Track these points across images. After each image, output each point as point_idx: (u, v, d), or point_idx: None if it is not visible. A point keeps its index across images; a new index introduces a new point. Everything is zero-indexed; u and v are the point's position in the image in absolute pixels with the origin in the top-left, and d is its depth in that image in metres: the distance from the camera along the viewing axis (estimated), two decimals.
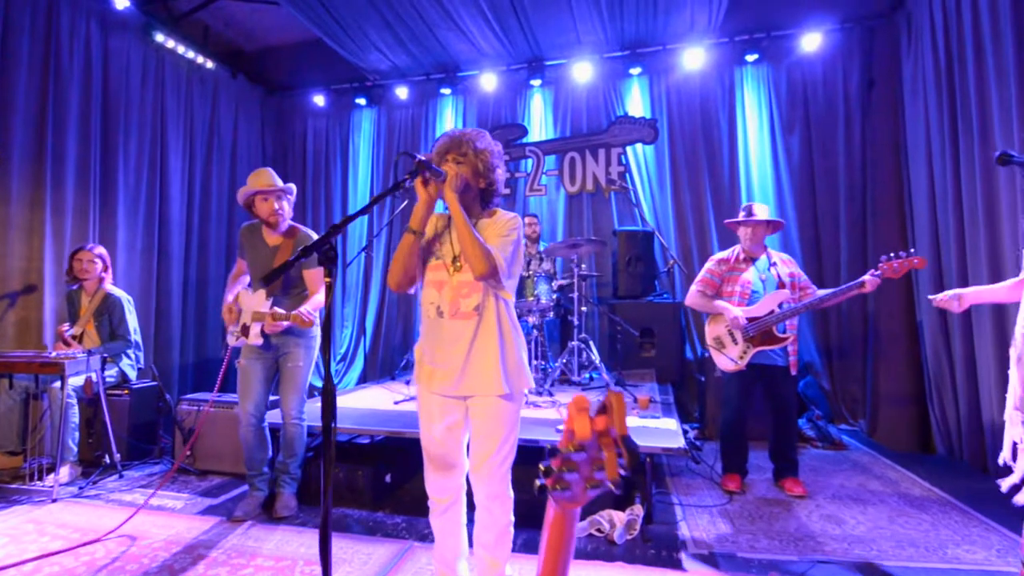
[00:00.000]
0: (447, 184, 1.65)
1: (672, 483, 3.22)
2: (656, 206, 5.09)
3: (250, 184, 2.71)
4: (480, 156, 1.74)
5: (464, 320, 1.69)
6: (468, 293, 1.70)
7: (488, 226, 1.74)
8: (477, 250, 1.60)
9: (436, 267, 1.76)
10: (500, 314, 1.72)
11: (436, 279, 1.75)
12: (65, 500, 2.94)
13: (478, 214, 1.79)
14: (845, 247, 4.61)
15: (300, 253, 1.22)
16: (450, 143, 1.75)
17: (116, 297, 3.63)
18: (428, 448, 1.78)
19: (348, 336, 5.84)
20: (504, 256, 1.66)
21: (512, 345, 1.74)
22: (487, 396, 1.69)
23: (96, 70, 4.22)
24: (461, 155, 1.73)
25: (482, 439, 1.71)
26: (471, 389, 1.70)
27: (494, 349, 1.69)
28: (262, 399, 2.77)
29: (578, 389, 3.95)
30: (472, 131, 1.78)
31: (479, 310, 1.70)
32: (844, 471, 3.47)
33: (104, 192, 4.30)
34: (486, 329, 1.70)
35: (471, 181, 1.73)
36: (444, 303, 1.71)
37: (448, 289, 1.71)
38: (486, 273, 1.60)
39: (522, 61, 5.33)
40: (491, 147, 1.78)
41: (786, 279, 3.02)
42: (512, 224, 1.74)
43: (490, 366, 1.68)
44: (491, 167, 1.76)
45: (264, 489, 2.83)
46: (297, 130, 6.19)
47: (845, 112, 4.68)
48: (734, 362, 3.02)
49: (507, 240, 1.70)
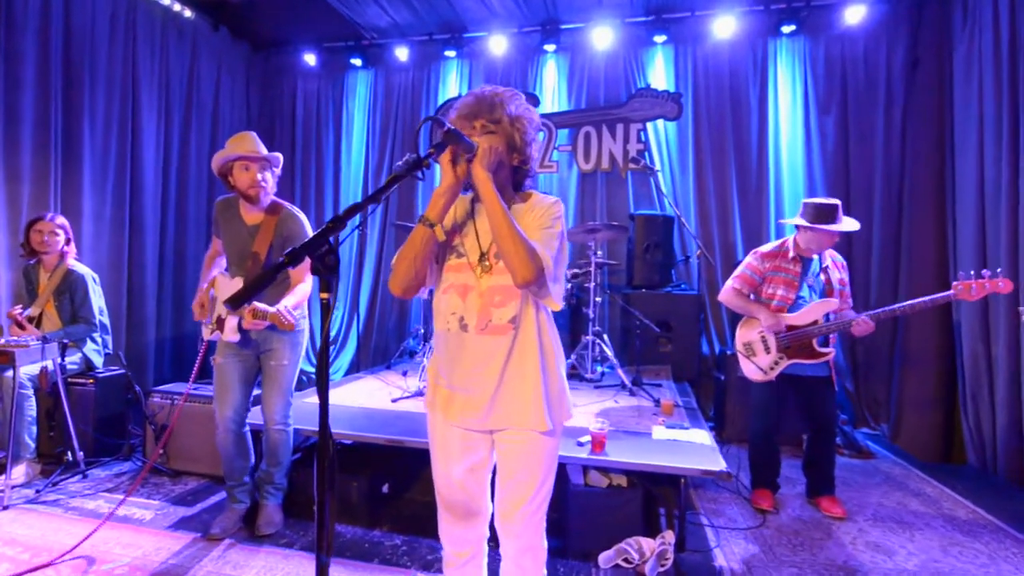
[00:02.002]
0: (477, 160, 1.27)
1: (696, 496, 2.95)
2: (676, 189, 4.72)
3: (229, 148, 2.29)
4: (516, 124, 1.36)
5: (497, 336, 1.33)
6: (502, 301, 1.34)
7: (524, 214, 1.37)
8: (520, 249, 1.23)
9: (458, 267, 1.39)
10: (541, 328, 1.37)
11: (458, 282, 1.38)
12: (18, 507, 2.59)
13: (510, 198, 1.41)
14: (878, 240, 4.29)
15: (285, 260, 0.85)
16: (479, 105, 1.36)
17: (79, 274, 3.22)
18: (445, 493, 1.44)
19: (339, 318, 5.46)
20: (550, 254, 1.29)
21: (555, 367, 1.40)
22: (523, 431, 1.35)
23: (56, 16, 3.70)
24: (493, 121, 1.35)
25: (515, 483, 1.38)
26: (503, 421, 1.36)
27: (534, 373, 1.34)
28: (241, 402, 2.41)
29: (590, 387, 3.64)
30: (505, 90, 1.39)
31: (515, 323, 1.34)
32: (878, 485, 3.22)
33: (67, 155, 3.82)
34: (524, 347, 1.35)
35: (504, 157, 1.35)
36: (470, 314, 1.35)
37: (475, 296, 1.35)
38: (531, 279, 1.24)
39: (536, 23, 4.86)
40: (528, 113, 1.40)
41: (836, 286, 2.68)
42: (555, 211, 1.37)
43: (528, 394, 1.34)
44: (527, 139, 1.38)
45: (245, 500, 2.50)
46: (286, 91, 5.68)
47: (886, 93, 4.30)
48: (762, 372, 2.72)
49: (551, 233, 1.33)
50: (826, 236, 2.62)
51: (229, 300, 0.84)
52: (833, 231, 2.60)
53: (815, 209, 2.63)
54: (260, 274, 0.85)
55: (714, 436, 3.71)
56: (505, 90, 1.39)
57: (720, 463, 2.20)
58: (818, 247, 2.68)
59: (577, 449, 2.34)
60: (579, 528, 2.26)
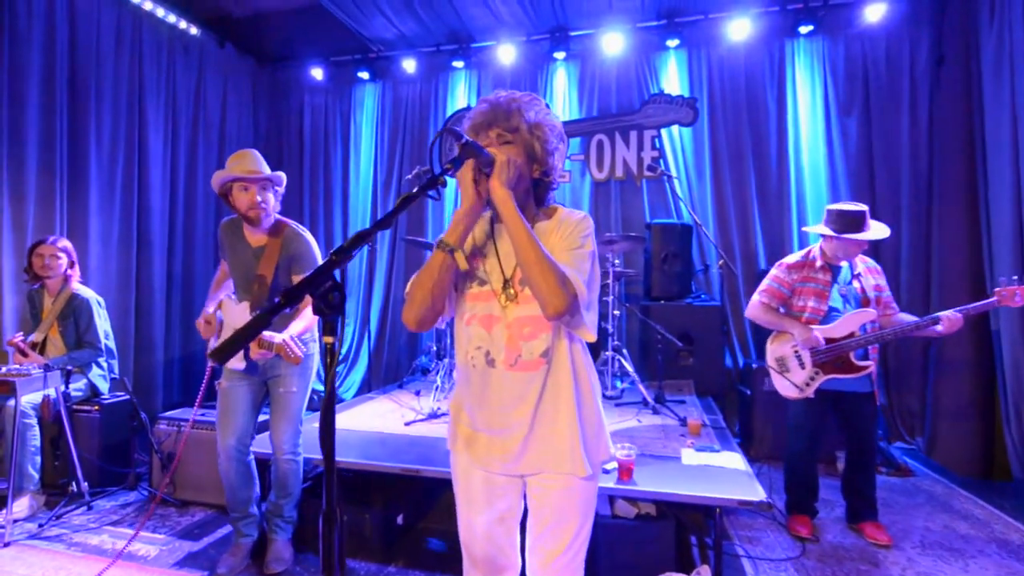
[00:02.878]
0: (494, 175, 1.14)
1: (728, 523, 2.78)
2: (694, 197, 4.57)
3: (228, 168, 2.18)
4: (536, 131, 1.21)
5: (528, 372, 1.20)
6: (532, 333, 1.20)
7: (549, 233, 1.23)
8: (550, 276, 1.09)
9: (481, 296, 1.25)
10: (576, 361, 1.23)
11: (482, 313, 1.24)
12: (19, 544, 2.49)
13: (532, 215, 1.27)
14: (906, 244, 4.11)
15: (281, 301, 0.73)
16: (494, 112, 1.22)
17: (83, 298, 3.14)
18: (470, 545, 1.30)
19: (350, 334, 5.36)
20: (582, 278, 1.14)
21: (591, 403, 1.26)
22: (559, 475, 1.21)
23: (61, 34, 3.66)
24: (510, 130, 1.21)
25: (549, 532, 1.23)
26: (537, 465, 1.22)
27: (569, 411, 1.21)
28: (246, 430, 2.30)
29: (611, 404, 3.49)
30: (523, 95, 1.25)
31: (548, 357, 1.20)
32: (921, 507, 3.03)
33: (73, 175, 3.76)
34: (558, 383, 1.21)
35: (523, 170, 1.21)
36: (497, 348, 1.21)
37: (502, 328, 1.21)
38: (563, 309, 1.10)
39: (544, 31, 4.76)
40: (548, 119, 1.25)
41: (871, 293, 2.52)
42: (584, 228, 1.22)
43: (564, 436, 1.20)
44: (549, 148, 1.24)
45: (251, 534, 2.38)
46: (293, 107, 5.62)
47: (911, 92, 4.14)
48: (798, 389, 2.56)
49: (581, 254, 1.18)
50: (853, 245, 2.47)
51: (213, 354, 0.72)
52: (861, 240, 2.44)
53: (840, 216, 2.48)
54: (250, 322, 0.72)
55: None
56: (523, 95, 1.25)
57: (759, 492, 2.05)
58: (845, 255, 2.53)
59: (603, 477, 2.19)
60: (608, 564, 2.11)
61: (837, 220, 2.49)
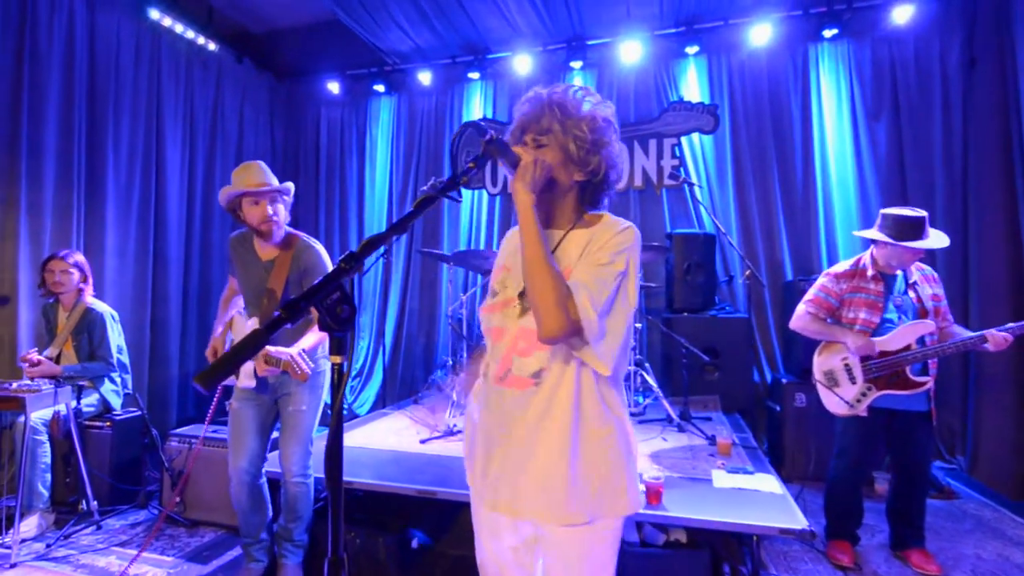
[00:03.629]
0: (517, 178, 1.03)
1: (762, 549, 2.61)
2: (716, 206, 4.44)
3: (235, 182, 2.10)
4: (573, 129, 1.07)
5: (515, 391, 1.07)
6: (528, 349, 1.07)
7: (580, 243, 1.09)
8: (547, 292, 0.97)
9: (491, 307, 1.15)
10: (582, 390, 1.06)
11: (492, 324, 1.13)
12: (26, 565, 2.41)
13: (570, 221, 1.13)
14: (941, 255, 3.92)
15: (282, 315, 0.64)
16: (528, 115, 1.10)
17: (97, 312, 3.11)
18: (488, 571, 1.20)
19: (365, 348, 5.28)
20: (594, 303, 0.99)
21: (602, 449, 1.06)
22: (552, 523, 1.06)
23: (80, 50, 3.69)
24: (542, 133, 1.09)
25: None
26: (530, 511, 1.06)
27: (559, 447, 1.03)
28: (257, 452, 2.21)
29: (634, 421, 3.35)
30: (564, 90, 1.11)
31: (538, 379, 1.05)
32: (970, 533, 2.83)
33: (90, 190, 3.77)
34: (548, 412, 1.05)
35: (558, 174, 1.09)
36: (494, 358, 1.11)
37: (506, 339, 1.10)
38: (556, 332, 0.97)
39: (561, 41, 4.71)
40: (595, 112, 1.10)
41: (928, 303, 2.36)
42: (619, 243, 1.05)
43: (549, 478, 1.03)
44: (592, 146, 1.09)
45: (262, 559, 2.28)
46: (309, 121, 5.64)
47: (943, 96, 3.98)
48: (848, 405, 2.39)
49: (606, 272, 1.02)
50: (910, 253, 2.31)
51: (199, 378, 0.62)
52: (918, 248, 2.27)
53: (898, 222, 2.30)
54: (245, 340, 0.63)
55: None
56: (565, 89, 1.11)
57: (800, 520, 1.90)
58: (900, 263, 2.36)
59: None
60: None
61: (894, 226, 2.31)
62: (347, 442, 3.02)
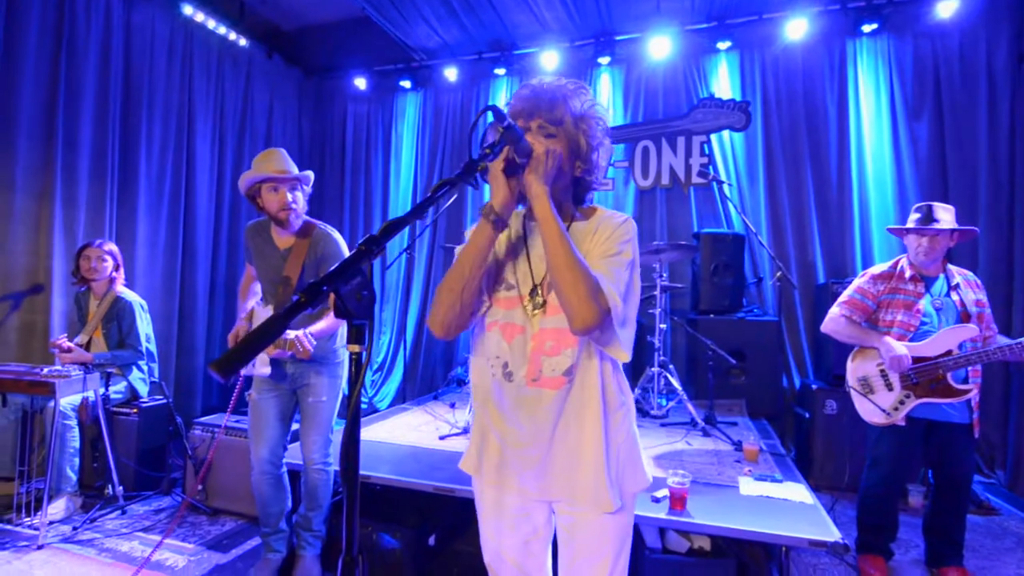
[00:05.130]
0: (530, 169, 1.01)
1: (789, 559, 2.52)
2: (746, 206, 4.32)
3: (255, 168, 2.11)
4: (582, 125, 1.08)
5: (548, 390, 1.06)
6: (555, 348, 1.06)
7: (585, 236, 1.09)
8: (581, 286, 0.95)
9: (507, 301, 1.12)
10: (606, 381, 1.08)
11: (504, 320, 1.11)
12: (52, 547, 2.46)
13: (569, 215, 1.14)
14: (984, 259, 3.75)
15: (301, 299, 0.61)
16: (537, 100, 1.08)
17: (127, 301, 3.17)
18: (496, 568, 1.20)
19: (386, 343, 5.30)
20: (617, 290, 1.00)
21: (624, 430, 1.11)
22: (583, 508, 1.08)
23: (116, 46, 3.77)
24: (554, 122, 1.07)
25: (579, 564, 1.10)
26: (559, 492, 1.09)
27: (594, 437, 1.06)
28: (278, 441, 2.22)
29: (656, 424, 3.28)
30: (570, 82, 1.11)
31: (571, 376, 1.06)
32: (1011, 551, 2.69)
33: (123, 182, 3.85)
34: (582, 405, 1.07)
35: (564, 165, 1.08)
36: (517, 361, 1.08)
37: (524, 339, 1.08)
38: (593, 323, 0.96)
39: (589, 36, 4.64)
40: (596, 111, 1.12)
41: (972, 308, 2.24)
42: (623, 233, 1.07)
43: (587, 465, 1.07)
44: (593, 143, 1.10)
45: (281, 550, 2.28)
46: (336, 116, 5.68)
47: (988, 93, 3.81)
48: (884, 413, 2.28)
49: (619, 262, 1.04)
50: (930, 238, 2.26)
51: (216, 365, 0.59)
52: (938, 231, 2.22)
53: (916, 213, 2.34)
54: (262, 326, 0.60)
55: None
56: (569, 82, 1.12)
57: (833, 532, 1.82)
58: (929, 256, 2.27)
59: (653, 506, 2.00)
60: None
61: (918, 213, 2.34)
62: (367, 436, 3.03)
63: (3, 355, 3.20)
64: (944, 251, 2.29)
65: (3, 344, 3.22)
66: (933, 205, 2.31)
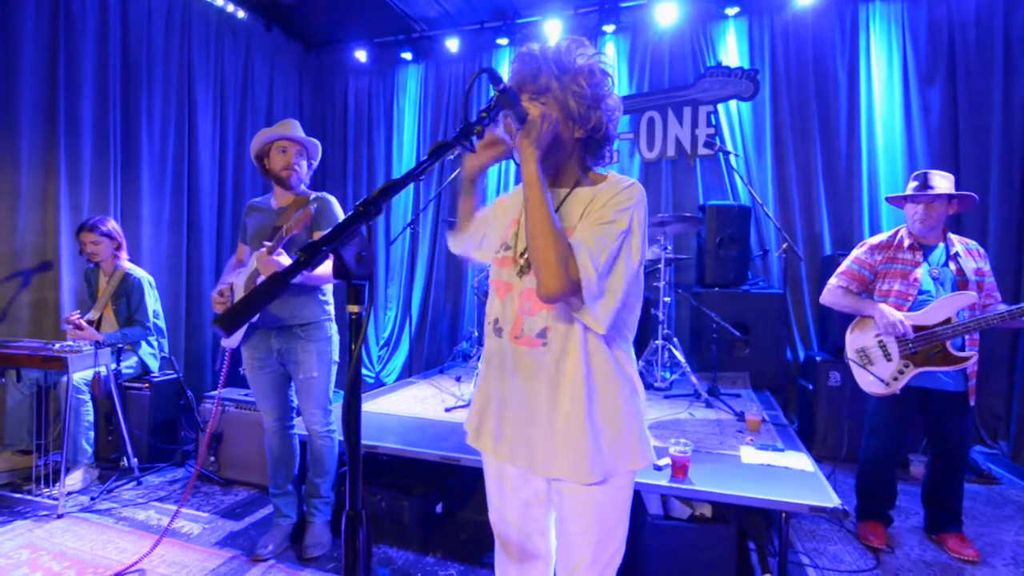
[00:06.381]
0: (524, 131, 1.00)
1: (791, 528, 2.56)
2: (753, 177, 4.27)
3: (272, 129, 2.24)
4: (572, 87, 1.05)
5: (527, 348, 1.07)
6: (534, 308, 1.07)
7: (583, 200, 1.07)
8: (549, 250, 0.95)
9: (502, 260, 1.15)
10: (590, 349, 1.05)
11: (500, 279, 1.14)
12: (72, 516, 2.54)
13: (573, 180, 1.12)
14: (995, 228, 3.70)
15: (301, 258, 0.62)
16: (522, 73, 1.07)
17: (135, 278, 3.20)
18: (500, 528, 1.22)
19: (392, 319, 5.34)
20: (594, 261, 0.97)
21: (613, 402, 1.07)
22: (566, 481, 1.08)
23: (114, 19, 3.72)
24: (539, 92, 1.06)
25: (570, 539, 1.12)
26: (544, 468, 1.08)
27: (572, 407, 1.04)
28: (281, 407, 2.33)
29: (660, 396, 3.30)
30: (560, 44, 1.07)
31: (545, 339, 1.05)
32: (1011, 519, 2.72)
33: (126, 158, 3.84)
34: (558, 371, 1.05)
35: (561, 130, 1.06)
36: (506, 317, 1.11)
37: (514, 296, 1.10)
38: (555, 291, 0.96)
39: (593, 3, 4.53)
40: (591, 66, 1.07)
41: (971, 276, 2.22)
42: (622, 201, 1.02)
43: (565, 436, 1.05)
44: (590, 101, 1.06)
45: (291, 515, 2.36)
46: (337, 90, 5.61)
47: (1005, 59, 3.70)
48: (883, 383, 2.29)
49: (608, 231, 1.00)
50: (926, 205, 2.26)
51: (218, 321, 0.60)
52: (935, 196, 2.22)
53: (913, 181, 2.35)
54: (267, 280, 0.61)
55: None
56: (560, 43, 1.08)
57: (832, 498, 1.84)
58: (927, 224, 2.26)
59: (655, 474, 2.03)
60: (660, 568, 1.95)
61: (915, 181, 2.34)
62: (374, 408, 3.07)
63: (15, 332, 3.25)
64: (942, 219, 2.27)
65: (15, 321, 3.27)
66: (929, 172, 2.30)
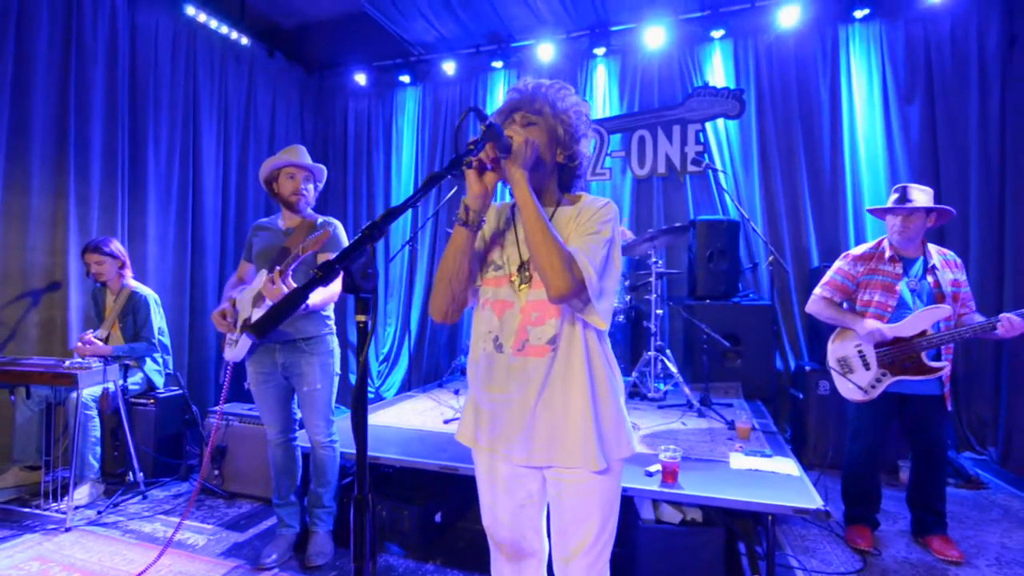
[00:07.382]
0: (511, 158, 1.13)
1: (779, 532, 2.63)
2: (740, 193, 4.40)
3: (280, 156, 2.34)
4: (561, 117, 1.22)
5: (535, 358, 1.18)
6: (540, 318, 1.18)
7: (569, 219, 1.22)
8: (553, 256, 1.08)
9: (495, 280, 1.25)
10: (590, 349, 1.20)
11: (496, 298, 1.23)
12: (79, 529, 2.61)
13: (554, 200, 1.27)
14: (975, 241, 3.82)
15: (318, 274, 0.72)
16: (519, 98, 1.24)
17: (142, 296, 3.29)
18: (493, 531, 1.30)
19: (391, 335, 5.43)
20: (592, 263, 1.11)
21: (608, 395, 1.21)
22: (571, 470, 1.18)
23: (123, 47, 3.87)
24: (534, 112, 1.22)
25: (569, 526, 1.21)
26: (547, 458, 1.19)
27: (581, 402, 1.17)
28: (286, 421, 2.41)
29: (654, 407, 3.38)
30: (553, 84, 1.25)
31: (555, 344, 1.17)
32: (996, 522, 2.79)
33: (133, 181, 3.97)
34: (567, 372, 1.18)
35: (544, 153, 1.21)
36: (506, 333, 1.20)
37: (514, 312, 1.20)
38: (567, 291, 1.08)
39: (584, 27, 4.71)
40: (577, 106, 1.25)
41: (947, 288, 2.33)
42: (604, 214, 1.20)
43: (576, 427, 1.17)
44: (575, 134, 1.24)
45: (294, 525, 2.42)
46: (337, 113, 5.77)
47: (980, 77, 3.85)
48: (862, 391, 2.39)
49: (596, 239, 1.16)
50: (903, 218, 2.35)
51: (252, 328, 0.71)
52: (913, 209, 2.32)
53: (894, 193, 2.43)
54: (289, 293, 0.72)
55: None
56: (552, 83, 1.27)
57: (815, 499, 1.93)
58: (905, 236, 2.37)
59: (646, 480, 2.11)
60: (651, 571, 2.02)
61: (896, 193, 2.43)
62: (375, 421, 3.15)
63: (24, 350, 3.33)
64: (920, 231, 2.37)
65: (24, 339, 3.36)
66: (908, 186, 2.40)
